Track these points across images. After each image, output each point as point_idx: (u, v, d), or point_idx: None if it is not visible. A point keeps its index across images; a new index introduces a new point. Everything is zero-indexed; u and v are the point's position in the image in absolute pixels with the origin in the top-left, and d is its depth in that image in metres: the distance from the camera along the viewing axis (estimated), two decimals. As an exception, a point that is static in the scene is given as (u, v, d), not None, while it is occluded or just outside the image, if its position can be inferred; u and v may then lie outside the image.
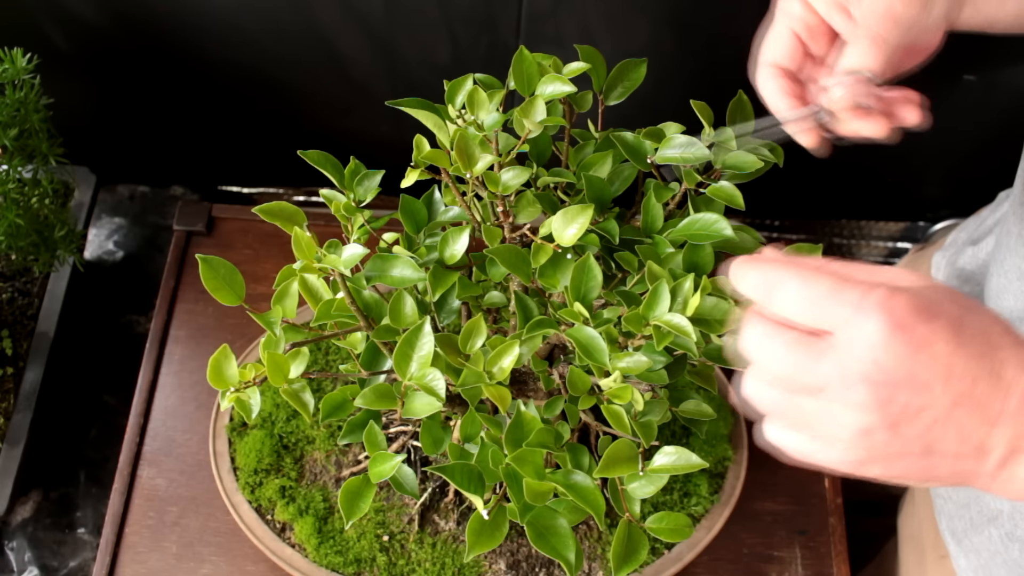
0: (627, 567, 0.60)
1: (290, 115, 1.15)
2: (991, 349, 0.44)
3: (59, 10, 0.98)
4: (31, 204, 0.92)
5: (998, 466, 0.45)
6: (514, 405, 0.62)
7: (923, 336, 0.43)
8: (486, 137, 0.61)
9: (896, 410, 0.44)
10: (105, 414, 1.09)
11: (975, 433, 0.44)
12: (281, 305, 0.62)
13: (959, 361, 0.43)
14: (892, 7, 0.57)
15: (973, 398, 0.44)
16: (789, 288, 0.45)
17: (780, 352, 0.45)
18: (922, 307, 0.43)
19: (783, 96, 0.60)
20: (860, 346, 0.43)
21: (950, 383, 0.43)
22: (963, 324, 0.44)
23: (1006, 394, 0.44)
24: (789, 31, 0.61)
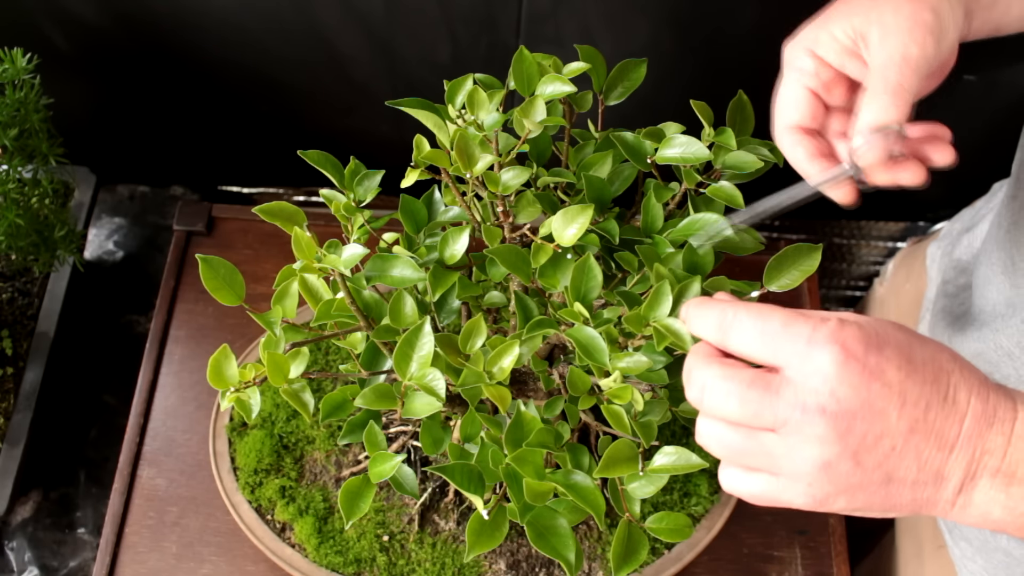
0: (627, 567, 0.60)
1: (290, 115, 1.15)
2: (942, 374, 0.45)
3: (59, 10, 0.98)
4: (31, 204, 0.92)
5: (956, 492, 0.45)
6: (514, 405, 0.62)
7: (875, 365, 0.44)
8: (486, 137, 0.61)
9: (855, 440, 0.44)
10: (105, 414, 1.09)
11: (933, 459, 0.45)
12: (281, 305, 0.62)
13: (912, 387, 0.44)
14: (907, 52, 0.54)
15: (928, 424, 0.44)
16: (744, 325, 0.46)
17: (739, 392, 0.46)
18: (871, 336, 0.44)
19: (812, 160, 0.58)
20: (815, 378, 0.44)
21: (904, 409, 0.44)
22: (912, 352, 0.45)
23: (960, 419, 0.44)
24: (803, 89, 0.58)
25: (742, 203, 0.64)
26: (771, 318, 0.46)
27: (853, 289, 1.28)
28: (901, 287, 1.04)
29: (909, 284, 1.02)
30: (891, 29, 0.55)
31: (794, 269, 0.59)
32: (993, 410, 0.45)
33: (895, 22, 0.55)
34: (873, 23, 0.56)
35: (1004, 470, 0.44)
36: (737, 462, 0.48)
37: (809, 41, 0.58)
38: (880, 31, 0.55)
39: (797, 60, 0.59)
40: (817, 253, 0.59)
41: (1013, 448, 0.44)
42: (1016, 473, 0.44)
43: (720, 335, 0.48)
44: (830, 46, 0.57)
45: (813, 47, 0.58)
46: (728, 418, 0.47)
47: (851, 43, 0.57)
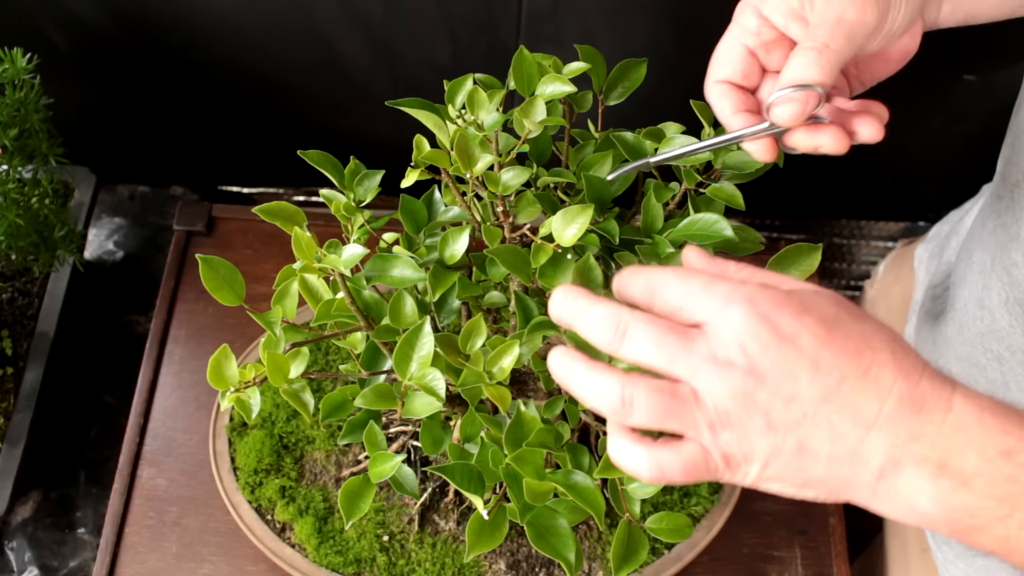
0: (627, 567, 0.60)
1: (290, 115, 1.15)
2: (866, 351, 0.44)
3: (59, 10, 0.98)
4: (31, 204, 0.92)
5: (876, 476, 0.44)
6: (514, 405, 0.62)
7: (788, 328, 0.44)
8: (486, 137, 0.61)
9: (765, 397, 0.43)
10: (105, 414, 1.09)
11: (848, 435, 0.43)
12: (281, 305, 0.62)
13: (827, 356, 0.43)
14: (842, 14, 0.53)
15: (842, 395, 0.43)
16: (670, 286, 0.46)
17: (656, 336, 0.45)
18: (793, 303, 0.44)
19: (736, 114, 0.57)
20: (726, 332, 0.44)
21: (817, 376, 0.43)
22: (838, 324, 0.44)
23: (880, 398, 0.43)
24: (741, 45, 0.58)
25: (742, 203, 0.64)
26: (694, 279, 0.46)
27: (853, 289, 1.28)
28: (890, 289, 1.05)
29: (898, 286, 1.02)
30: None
31: (794, 269, 0.59)
32: (922, 396, 0.43)
33: None
34: None
35: (933, 460, 0.43)
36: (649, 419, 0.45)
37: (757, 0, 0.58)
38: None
39: (742, 16, 0.58)
40: (817, 253, 0.59)
41: (944, 439, 0.43)
42: (947, 465, 0.42)
43: (647, 295, 0.48)
44: (776, 6, 0.57)
45: (760, 6, 0.57)
46: (644, 362, 0.46)
47: (798, 6, 0.56)
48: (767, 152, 0.58)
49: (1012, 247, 0.66)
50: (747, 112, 0.58)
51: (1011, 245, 0.66)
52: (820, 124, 0.56)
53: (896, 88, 0.68)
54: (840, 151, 0.56)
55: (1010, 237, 0.66)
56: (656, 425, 0.45)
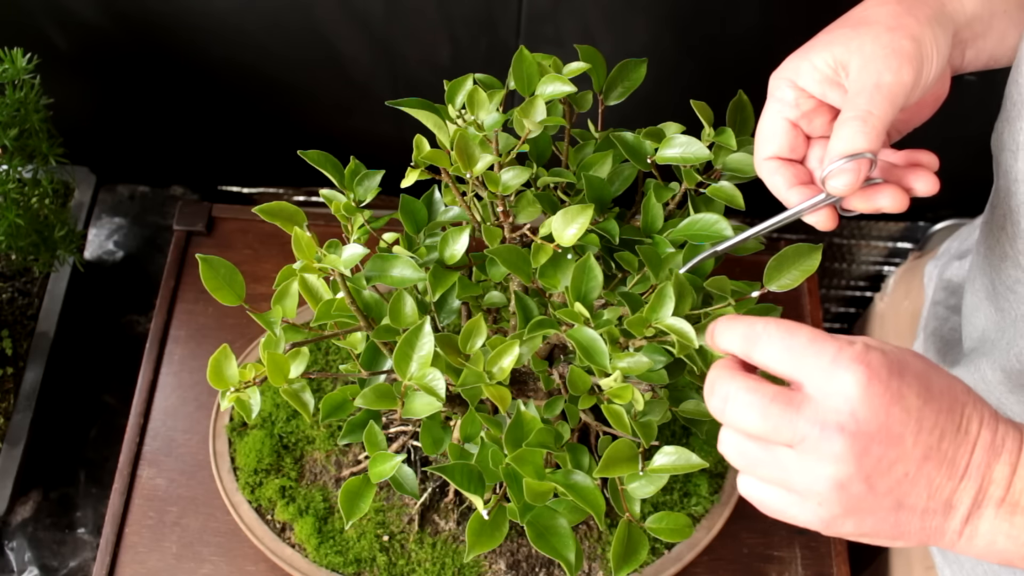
0: (627, 567, 0.60)
1: (290, 115, 1.15)
2: (957, 404, 0.45)
3: (59, 10, 0.98)
4: (31, 204, 0.92)
5: (963, 522, 0.46)
6: (514, 405, 0.62)
7: (896, 389, 0.44)
8: (486, 137, 0.61)
9: (871, 462, 0.44)
10: (105, 414, 1.09)
11: (943, 487, 0.45)
12: (281, 305, 0.62)
13: (929, 415, 0.45)
14: (879, 79, 0.54)
15: (941, 452, 0.45)
16: (771, 338, 0.47)
17: (760, 406, 0.46)
18: (894, 362, 0.45)
19: (790, 189, 0.58)
20: (837, 398, 0.44)
21: (920, 436, 0.44)
22: (931, 380, 0.46)
23: (971, 448, 0.45)
24: (783, 120, 0.58)
25: (742, 203, 0.64)
26: (798, 334, 0.46)
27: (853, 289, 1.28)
28: (900, 304, 1.04)
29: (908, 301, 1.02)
30: (869, 58, 0.55)
31: (794, 269, 0.59)
32: (1001, 441, 0.45)
33: (873, 51, 0.55)
34: (853, 52, 0.55)
35: (1009, 500, 0.45)
36: (754, 473, 0.48)
37: (791, 71, 0.58)
38: (860, 60, 0.55)
39: (778, 91, 0.59)
40: (817, 253, 0.59)
41: (1018, 478, 0.45)
42: (1020, 503, 0.45)
43: (746, 347, 0.48)
44: (811, 76, 0.57)
45: (794, 78, 0.58)
46: (748, 431, 0.47)
47: (832, 73, 0.57)
48: (828, 222, 0.58)
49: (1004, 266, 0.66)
50: (801, 185, 0.58)
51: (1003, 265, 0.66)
52: (876, 186, 0.56)
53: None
54: (901, 209, 0.56)
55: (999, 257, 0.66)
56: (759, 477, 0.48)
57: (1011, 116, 0.61)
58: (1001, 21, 0.61)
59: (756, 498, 0.49)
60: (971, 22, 0.60)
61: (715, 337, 0.51)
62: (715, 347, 0.51)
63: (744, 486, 0.49)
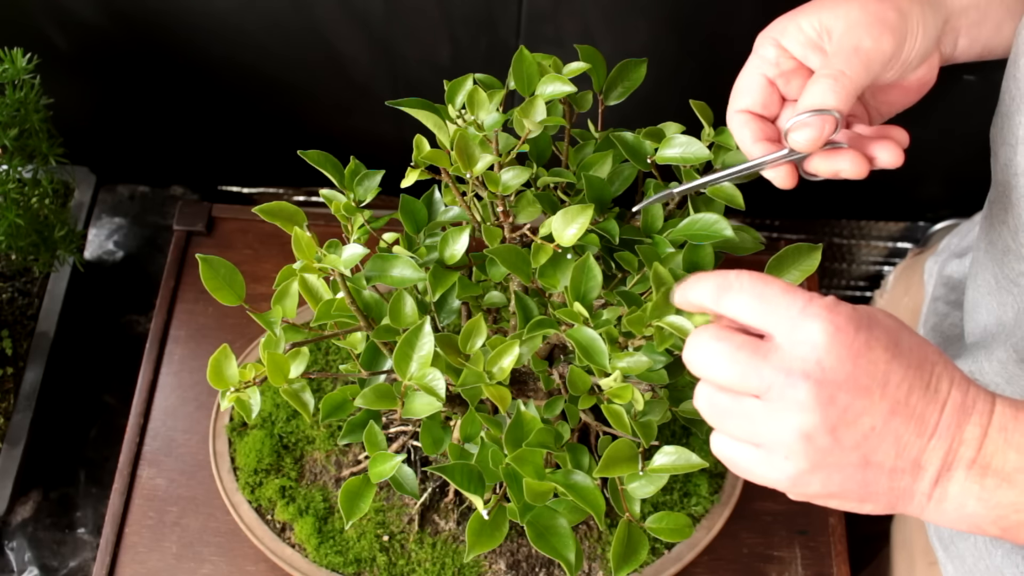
0: (627, 567, 0.60)
1: (290, 115, 1.15)
2: (927, 363, 0.46)
3: (59, 10, 0.98)
4: (31, 204, 0.92)
5: (932, 483, 0.46)
6: (514, 405, 0.62)
7: (863, 342, 0.45)
8: (486, 137, 0.61)
9: (836, 412, 0.44)
10: (105, 414, 1.09)
11: (911, 445, 0.45)
12: (281, 305, 0.62)
13: (896, 369, 0.45)
14: (859, 43, 0.55)
15: (909, 407, 0.45)
16: (743, 287, 0.47)
17: (726, 354, 0.46)
18: (862, 317, 0.45)
19: (755, 142, 0.59)
20: (803, 346, 0.45)
21: (887, 389, 0.45)
22: (900, 337, 0.46)
23: (941, 407, 0.45)
24: (761, 76, 0.59)
25: (742, 203, 0.64)
26: (771, 284, 0.47)
27: (853, 289, 1.28)
28: (900, 300, 1.05)
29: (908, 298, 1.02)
30: (853, 23, 0.56)
31: (794, 269, 0.59)
32: (972, 402, 0.45)
33: (858, 17, 0.56)
34: (839, 18, 0.57)
35: (979, 461, 0.45)
36: (724, 428, 0.49)
37: (777, 31, 0.59)
38: (843, 25, 0.56)
39: (761, 48, 0.60)
40: (817, 253, 0.59)
41: (988, 439, 0.45)
42: (991, 464, 0.45)
43: (716, 296, 0.48)
44: (795, 37, 0.58)
45: (779, 37, 0.59)
46: (717, 379, 0.47)
47: (816, 36, 0.58)
48: (787, 179, 0.59)
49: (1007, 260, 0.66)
50: (767, 141, 0.59)
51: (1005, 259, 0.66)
52: (838, 149, 0.57)
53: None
54: (860, 175, 0.57)
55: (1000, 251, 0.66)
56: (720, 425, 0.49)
57: (1010, 111, 0.61)
58: (997, 10, 0.61)
59: (726, 455, 0.49)
60: (966, 9, 0.60)
61: (686, 291, 0.51)
62: (685, 303, 0.51)
63: (715, 443, 0.50)
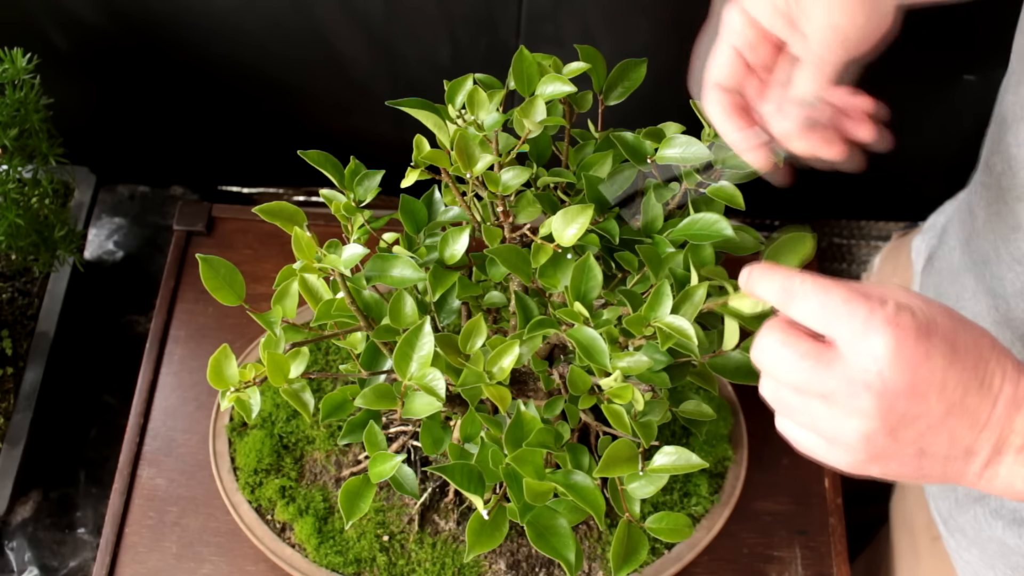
0: (627, 567, 0.60)
1: (290, 115, 1.15)
2: (981, 361, 0.48)
3: (59, 10, 0.98)
4: (31, 204, 0.92)
5: (983, 466, 0.49)
6: (514, 405, 0.62)
7: (924, 352, 0.46)
8: (486, 137, 0.61)
9: (895, 417, 0.47)
10: (105, 414, 1.09)
11: (964, 437, 0.48)
12: (281, 305, 0.62)
13: (953, 374, 0.47)
14: (837, 26, 0.55)
15: (964, 406, 0.47)
16: (807, 295, 0.49)
17: (793, 360, 0.49)
18: (922, 325, 0.47)
19: (729, 116, 0.59)
20: (867, 358, 0.47)
21: (944, 393, 0.47)
22: (957, 339, 0.48)
23: (993, 402, 0.47)
24: (730, 48, 0.59)
25: (742, 203, 0.64)
26: (833, 293, 0.48)
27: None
28: (887, 280, 1.05)
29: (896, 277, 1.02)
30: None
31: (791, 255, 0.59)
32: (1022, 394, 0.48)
33: None
34: None
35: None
36: (788, 417, 0.51)
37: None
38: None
39: (728, 17, 0.59)
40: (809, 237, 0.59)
41: None
42: None
43: (783, 300, 0.50)
44: (763, 6, 0.58)
45: (747, 6, 0.59)
46: (782, 380, 0.50)
47: (784, 5, 0.57)
48: (764, 161, 0.59)
49: (1016, 236, 0.66)
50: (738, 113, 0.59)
51: (1013, 235, 0.66)
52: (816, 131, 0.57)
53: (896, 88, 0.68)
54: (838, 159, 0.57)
55: (1010, 227, 0.66)
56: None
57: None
58: None
59: (790, 437, 0.52)
60: None
61: (751, 284, 0.53)
62: (751, 293, 0.53)
63: (780, 425, 0.52)
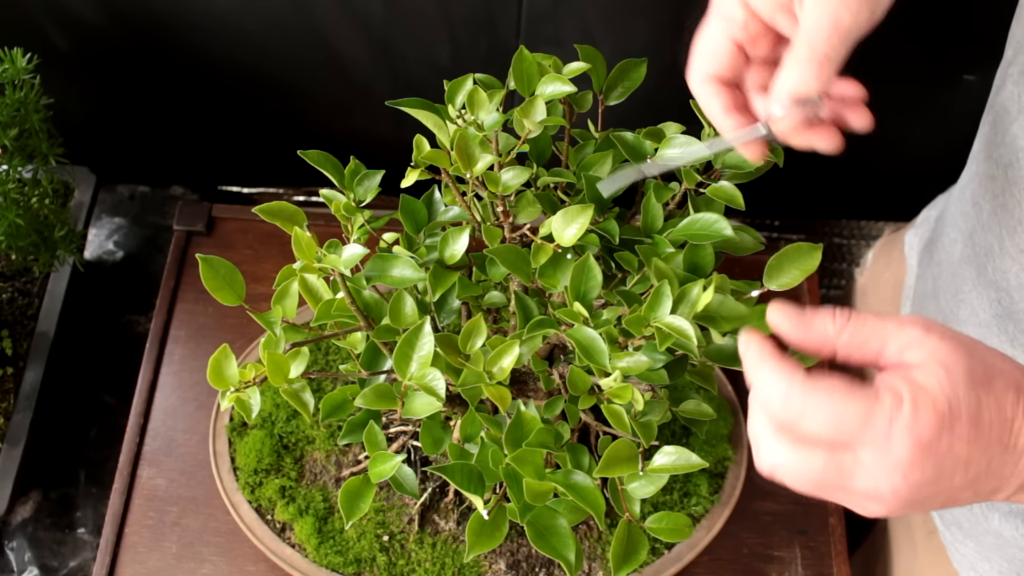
0: (627, 567, 0.60)
1: (290, 115, 1.15)
2: (1006, 426, 0.47)
3: (59, 10, 0.98)
4: (31, 204, 0.92)
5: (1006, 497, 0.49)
6: (514, 405, 0.62)
7: (947, 446, 0.46)
8: (486, 137, 0.61)
9: (919, 499, 0.47)
10: (105, 414, 1.09)
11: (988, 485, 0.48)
12: (281, 305, 0.62)
13: (977, 452, 0.46)
14: (838, 19, 0.53)
15: (989, 471, 0.47)
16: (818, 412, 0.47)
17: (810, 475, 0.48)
18: (944, 417, 0.46)
19: (727, 114, 0.57)
20: (888, 465, 0.46)
21: (968, 471, 0.47)
22: (981, 415, 0.46)
23: (1017, 459, 0.47)
24: (728, 40, 0.57)
25: (742, 203, 0.63)
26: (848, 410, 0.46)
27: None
28: (881, 275, 1.05)
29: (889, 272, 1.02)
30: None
31: (794, 268, 0.59)
32: None
33: None
34: None
35: None
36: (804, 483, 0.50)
37: None
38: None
39: (727, 7, 0.57)
40: (817, 252, 0.59)
41: None
42: None
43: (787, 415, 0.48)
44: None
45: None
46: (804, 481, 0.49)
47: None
48: (758, 154, 0.58)
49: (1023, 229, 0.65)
50: (736, 111, 0.57)
51: (1020, 228, 0.65)
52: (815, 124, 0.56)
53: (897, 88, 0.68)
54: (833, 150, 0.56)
55: (1016, 220, 0.66)
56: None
57: None
58: None
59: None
60: None
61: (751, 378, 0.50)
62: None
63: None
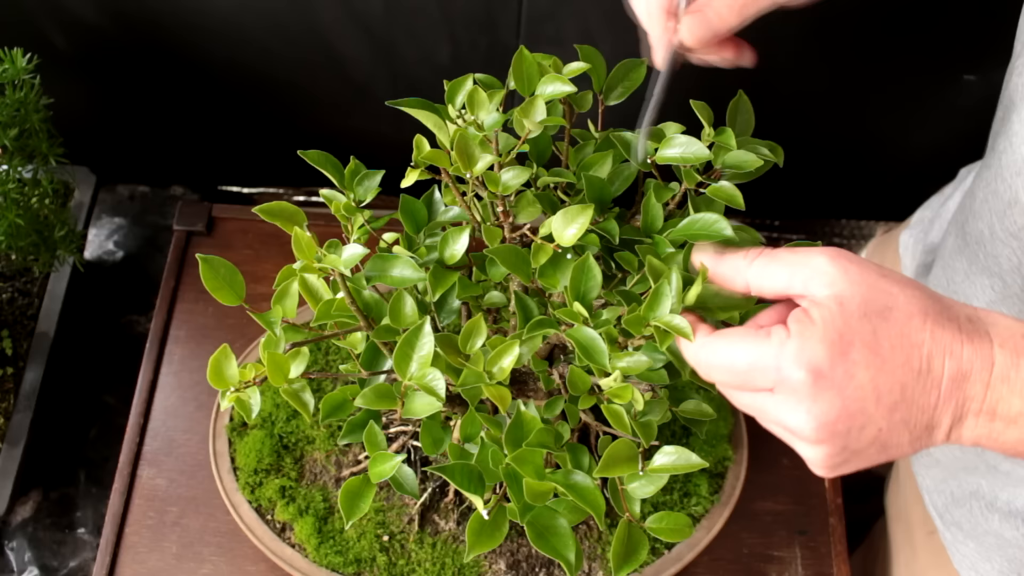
0: (627, 567, 0.60)
1: (290, 115, 1.15)
2: (913, 351, 0.47)
3: (59, 10, 0.98)
4: (31, 204, 0.92)
5: (946, 433, 0.49)
6: (514, 405, 0.62)
7: (843, 373, 0.47)
8: (486, 137, 0.61)
9: (841, 437, 0.48)
10: (105, 414, 1.09)
11: (920, 420, 0.48)
12: (281, 305, 0.62)
13: (883, 380, 0.47)
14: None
15: (907, 399, 0.47)
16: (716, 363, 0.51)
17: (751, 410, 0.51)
18: (835, 344, 0.47)
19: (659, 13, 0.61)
20: (790, 403, 0.48)
21: (881, 399, 0.47)
22: (879, 341, 0.47)
23: (938, 384, 0.47)
24: None
25: (742, 203, 0.63)
26: (737, 354, 0.49)
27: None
28: None
29: None
30: None
31: None
32: (968, 364, 0.47)
33: None
34: None
35: (985, 409, 0.48)
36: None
37: None
38: None
39: None
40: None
41: (991, 390, 0.48)
42: (996, 411, 0.48)
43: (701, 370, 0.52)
44: None
45: None
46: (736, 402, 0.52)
47: None
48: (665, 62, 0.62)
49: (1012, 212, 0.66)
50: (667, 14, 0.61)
51: (1008, 211, 0.66)
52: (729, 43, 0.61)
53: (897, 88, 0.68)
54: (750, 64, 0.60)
55: (1006, 203, 0.66)
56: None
57: None
58: None
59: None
60: None
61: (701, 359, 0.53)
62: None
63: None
